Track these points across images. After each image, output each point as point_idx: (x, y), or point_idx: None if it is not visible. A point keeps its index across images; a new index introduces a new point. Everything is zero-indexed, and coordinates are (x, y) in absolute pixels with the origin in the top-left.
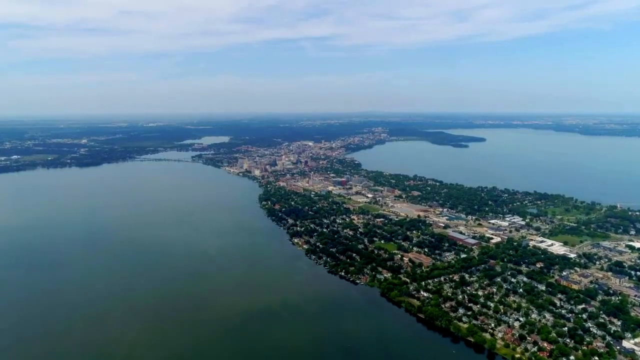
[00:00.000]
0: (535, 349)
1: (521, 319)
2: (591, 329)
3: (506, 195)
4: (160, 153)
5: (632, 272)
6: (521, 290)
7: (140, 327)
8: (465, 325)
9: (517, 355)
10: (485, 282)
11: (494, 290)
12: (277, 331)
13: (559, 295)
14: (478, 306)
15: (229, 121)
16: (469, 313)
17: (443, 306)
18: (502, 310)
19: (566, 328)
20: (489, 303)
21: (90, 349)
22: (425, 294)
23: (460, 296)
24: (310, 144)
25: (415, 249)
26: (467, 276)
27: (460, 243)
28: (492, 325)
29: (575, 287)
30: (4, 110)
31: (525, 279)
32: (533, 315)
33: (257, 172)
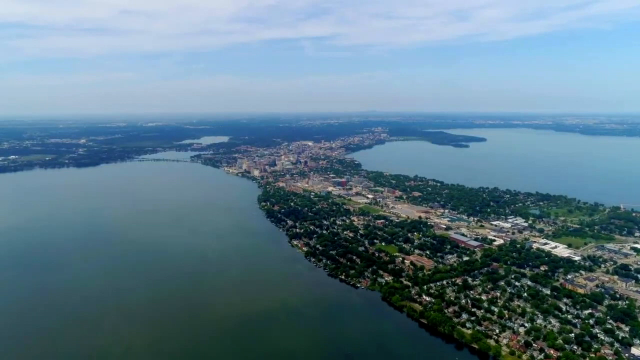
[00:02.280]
0: (541, 356)
1: (526, 324)
2: (598, 335)
3: (508, 196)
4: (159, 153)
5: (639, 276)
6: (525, 294)
7: (138, 328)
8: (469, 331)
9: None
10: (488, 286)
11: (498, 294)
12: (275, 335)
13: (565, 300)
14: (482, 311)
15: (228, 121)
16: (473, 318)
17: (446, 311)
18: (506, 316)
19: (573, 334)
20: (492, 308)
21: (89, 349)
22: (427, 298)
23: (463, 301)
24: (310, 144)
25: (416, 251)
26: (470, 280)
27: (463, 245)
28: (497, 331)
29: (581, 291)
30: (3, 110)
31: (529, 282)
32: (538, 321)
33: (256, 173)
